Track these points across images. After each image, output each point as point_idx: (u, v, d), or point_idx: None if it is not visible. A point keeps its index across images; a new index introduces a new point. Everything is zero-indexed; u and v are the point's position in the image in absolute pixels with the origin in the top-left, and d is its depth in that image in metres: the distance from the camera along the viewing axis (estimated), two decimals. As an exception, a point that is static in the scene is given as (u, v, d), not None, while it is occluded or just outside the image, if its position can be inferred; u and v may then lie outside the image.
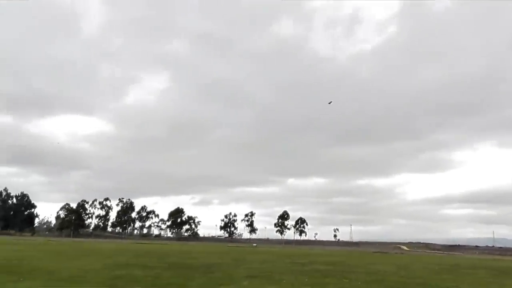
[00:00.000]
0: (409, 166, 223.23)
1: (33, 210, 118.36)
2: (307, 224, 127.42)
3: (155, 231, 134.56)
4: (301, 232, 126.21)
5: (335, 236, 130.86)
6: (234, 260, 25.62)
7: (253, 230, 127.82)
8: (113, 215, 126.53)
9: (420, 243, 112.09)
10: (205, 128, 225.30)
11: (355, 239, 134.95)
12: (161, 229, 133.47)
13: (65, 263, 18.90)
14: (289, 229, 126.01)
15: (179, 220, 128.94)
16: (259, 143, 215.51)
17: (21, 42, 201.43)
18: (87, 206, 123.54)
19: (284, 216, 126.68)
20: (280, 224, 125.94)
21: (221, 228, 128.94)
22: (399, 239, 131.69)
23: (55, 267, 16.53)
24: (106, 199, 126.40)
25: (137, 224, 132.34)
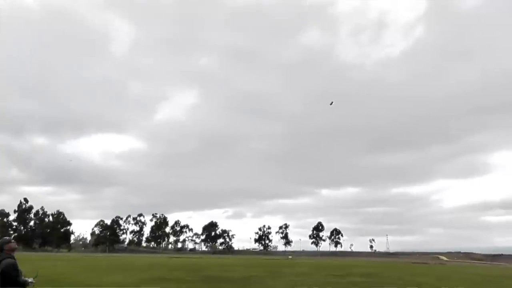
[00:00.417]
0: (445, 171, 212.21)
1: (69, 227, 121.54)
2: (342, 235, 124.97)
3: (190, 245, 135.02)
4: (337, 243, 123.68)
5: (371, 247, 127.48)
6: (270, 272, 24.69)
7: (288, 242, 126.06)
8: (147, 230, 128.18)
9: (460, 252, 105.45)
10: (236, 141, 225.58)
11: (391, 250, 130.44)
12: (196, 243, 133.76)
13: (103, 278, 18.71)
14: (324, 240, 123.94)
15: (213, 233, 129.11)
16: (290, 155, 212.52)
17: (54, 65, 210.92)
18: (121, 222, 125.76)
19: (318, 227, 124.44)
20: (315, 235, 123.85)
21: (256, 240, 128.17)
22: (437, 249, 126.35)
23: (94, 282, 16.35)
24: (139, 215, 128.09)
25: (172, 238, 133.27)
